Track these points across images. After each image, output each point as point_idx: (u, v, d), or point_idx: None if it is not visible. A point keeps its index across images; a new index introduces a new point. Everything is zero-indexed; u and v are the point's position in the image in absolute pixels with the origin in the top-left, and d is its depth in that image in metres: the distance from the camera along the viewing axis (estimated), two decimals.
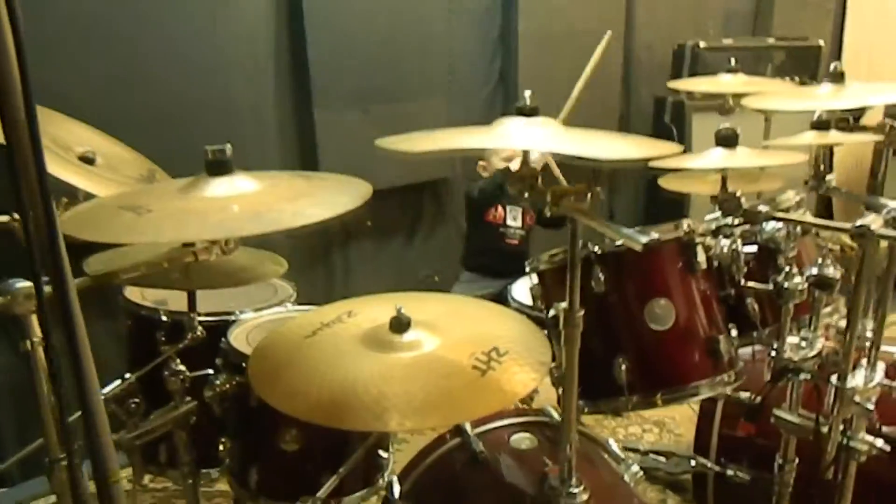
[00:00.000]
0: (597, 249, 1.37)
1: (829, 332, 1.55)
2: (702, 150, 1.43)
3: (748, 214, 1.31)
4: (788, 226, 1.53)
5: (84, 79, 2.24)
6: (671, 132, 3.72)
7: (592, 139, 1.15)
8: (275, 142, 2.81)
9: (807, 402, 1.47)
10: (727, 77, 2.31)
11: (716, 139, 1.35)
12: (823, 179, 1.51)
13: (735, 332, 1.51)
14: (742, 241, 1.47)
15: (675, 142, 1.29)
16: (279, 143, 2.82)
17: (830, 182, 1.51)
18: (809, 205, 1.72)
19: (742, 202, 1.30)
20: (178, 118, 2.43)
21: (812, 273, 1.38)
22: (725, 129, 1.33)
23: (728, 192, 1.31)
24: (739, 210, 1.31)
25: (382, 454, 1.71)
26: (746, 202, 1.45)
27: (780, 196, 1.63)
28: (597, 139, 1.16)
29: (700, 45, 3.71)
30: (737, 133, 1.32)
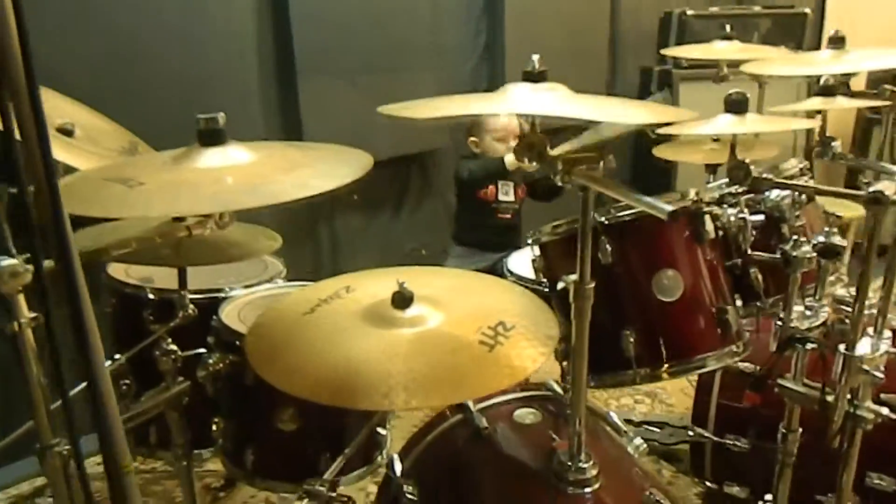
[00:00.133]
0: (604, 220, 1.33)
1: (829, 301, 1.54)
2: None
3: (757, 182, 1.28)
4: (793, 194, 1.50)
5: (61, 49, 2.14)
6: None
7: (604, 105, 1.11)
8: (257, 113, 2.72)
9: (809, 372, 1.46)
10: (722, 44, 2.28)
11: (725, 105, 1.31)
12: (829, 146, 1.49)
13: (740, 303, 1.49)
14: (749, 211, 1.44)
15: None
16: (262, 115, 2.74)
17: (836, 148, 1.49)
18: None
19: (751, 170, 1.27)
20: (159, 88, 2.34)
21: (819, 241, 1.36)
22: (736, 94, 1.28)
23: (737, 160, 1.27)
24: (748, 178, 1.27)
25: (381, 431, 1.68)
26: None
27: (783, 164, 1.60)
28: (608, 105, 1.12)
29: (687, 13, 3.67)
30: (747, 98, 1.29)
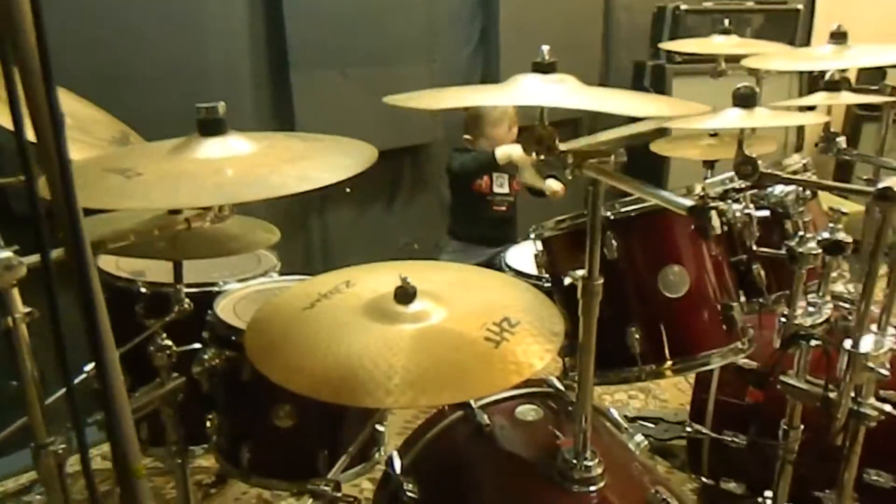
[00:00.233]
0: (610, 215, 1.31)
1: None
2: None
3: (765, 178, 1.26)
4: (797, 190, 1.49)
5: (51, 38, 2.08)
6: None
7: (615, 97, 1.09)
8: (249, 104, 2.68)
9: (811, 369, 1.45)
10: (720, 38, 2.26)
11: (734, 99, 1.29)
12: (834, 141, 1.48)
13: (742, 299, 1.48)
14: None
15: None
16: (254, 106, 2.70)
17: (840, 143, 1.48)
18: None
19: (760, 165, 1.25)
20: (150, 79, 2.29)
21: (824, 237, 1.35)
22: (745, 88, 1.27)
23: (745, 155, 1.26)
24: (756, 174, 1.25)
25: (378, 428, 1.65)
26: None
27: (786, 160, 1.59)
28: (619, 97, 1.10)
29: (681, 8, 3.66)
30: (756, 92, 1.27)
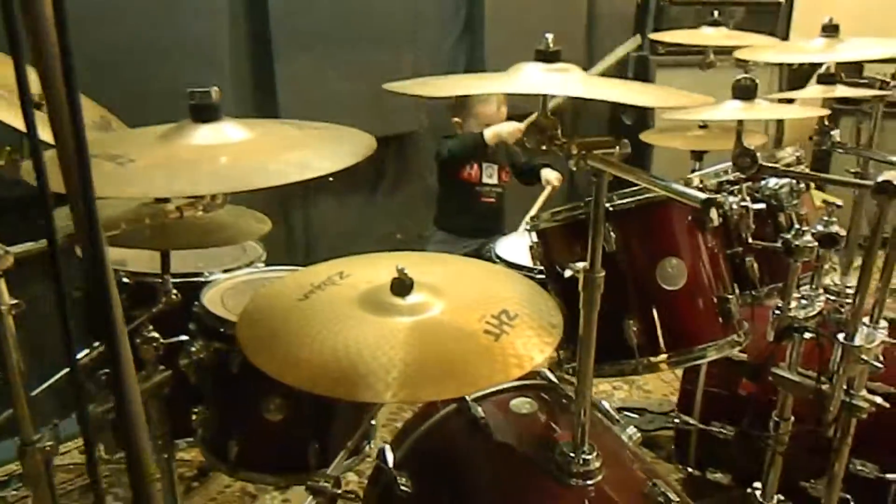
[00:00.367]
0: (608, 206, 1.30)
1: None
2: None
3: (764, 171, 1.26)
4: (791, 182, 1.49)
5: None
6: None
7: (619, 87, 1.08)
8: (230, 89, 2.62)
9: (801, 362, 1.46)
10: (709, 30, 2.26)
11: (733, 91, 1.29)
12: (828, 134, 1.48)
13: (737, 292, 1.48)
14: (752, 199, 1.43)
15: None
16: (235, 91, 2.64)
17: (835, 137, 1.48)
18: None
19: (758, 157, 1.25)
20: (128, 63, 2.22)
21: (819, 230, 1.35)
22: (744, 80, 1.26)
23: (744, 147, 1.25)
24: (755, 166, 1.25)
25: (370, 421, 1.63)
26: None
27: (779, 153, 1.60)
28: (624, 87, 1.08)
29: None
30: (756, 84, 1.26)
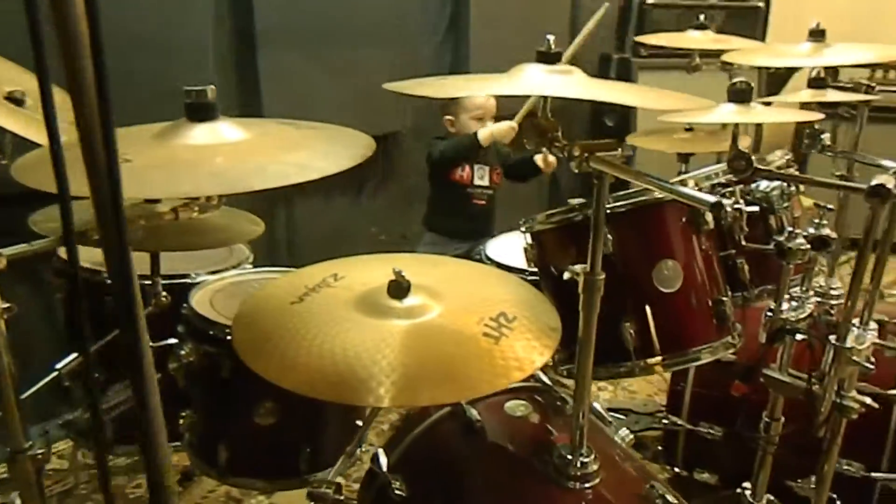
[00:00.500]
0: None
1: None
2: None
3: (759, 174, 1.27)
4: (782, 185, 1.51)
5: (8, 16, 1.96)
6: None
7: (621, 89, 1.07)
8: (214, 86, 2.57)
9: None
10: (695, 33, 2.27)
11: (728, 94, 1.29)
12: (818, 138, 1.50)
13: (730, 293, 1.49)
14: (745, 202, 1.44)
15: None
16: (219, 88, 2.58)
17: (825, 140, 1.50)
18: None
19: (753, 160, 1.25)
20: (110, 60, 2.16)
21: (811, 233, 1.37)
22: (740, 83, 1.27)
23: (739, 150, 1.26)
24: (750, 169, 1.25)
25: (360, 423, 1.61)
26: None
27: (769, 155, 1.61)
28: (625, 89, 1.08)
29: (647, 2, 3.68)
30: (751, 87, 1.27)
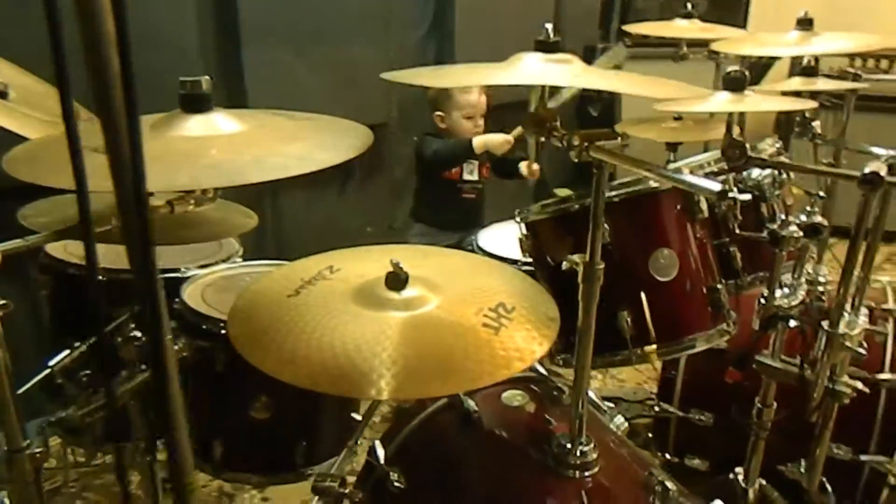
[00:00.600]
0: None
1: None
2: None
3: (753, 162, 1.28)
4: (773, 173, 1.52)
5: None
6: None
7: (619, 78, 1.07)
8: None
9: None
10: (683, 22, 2.28)
11: (723, 83, 1.30)
12: (809, 126, 1.51)
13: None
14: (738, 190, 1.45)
15: None
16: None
17: (816, 129, 1.51)
18: None
19: (748, 149, 1.26)
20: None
21: (803, 220, 1.38)
22: (734, 72, 1.27)
23: (733, 139, 1.26)
24: (744, 157, 1.26)
25: (356, 417, 1.61)
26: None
27: (759, 144, 1.62)
28: (623, 78, 1.08)
29: None
30: (746, 76, 1.27)
